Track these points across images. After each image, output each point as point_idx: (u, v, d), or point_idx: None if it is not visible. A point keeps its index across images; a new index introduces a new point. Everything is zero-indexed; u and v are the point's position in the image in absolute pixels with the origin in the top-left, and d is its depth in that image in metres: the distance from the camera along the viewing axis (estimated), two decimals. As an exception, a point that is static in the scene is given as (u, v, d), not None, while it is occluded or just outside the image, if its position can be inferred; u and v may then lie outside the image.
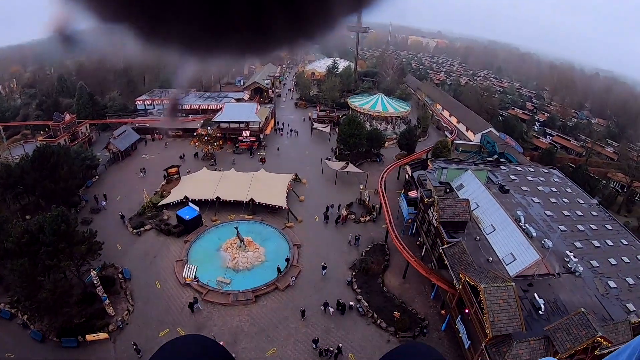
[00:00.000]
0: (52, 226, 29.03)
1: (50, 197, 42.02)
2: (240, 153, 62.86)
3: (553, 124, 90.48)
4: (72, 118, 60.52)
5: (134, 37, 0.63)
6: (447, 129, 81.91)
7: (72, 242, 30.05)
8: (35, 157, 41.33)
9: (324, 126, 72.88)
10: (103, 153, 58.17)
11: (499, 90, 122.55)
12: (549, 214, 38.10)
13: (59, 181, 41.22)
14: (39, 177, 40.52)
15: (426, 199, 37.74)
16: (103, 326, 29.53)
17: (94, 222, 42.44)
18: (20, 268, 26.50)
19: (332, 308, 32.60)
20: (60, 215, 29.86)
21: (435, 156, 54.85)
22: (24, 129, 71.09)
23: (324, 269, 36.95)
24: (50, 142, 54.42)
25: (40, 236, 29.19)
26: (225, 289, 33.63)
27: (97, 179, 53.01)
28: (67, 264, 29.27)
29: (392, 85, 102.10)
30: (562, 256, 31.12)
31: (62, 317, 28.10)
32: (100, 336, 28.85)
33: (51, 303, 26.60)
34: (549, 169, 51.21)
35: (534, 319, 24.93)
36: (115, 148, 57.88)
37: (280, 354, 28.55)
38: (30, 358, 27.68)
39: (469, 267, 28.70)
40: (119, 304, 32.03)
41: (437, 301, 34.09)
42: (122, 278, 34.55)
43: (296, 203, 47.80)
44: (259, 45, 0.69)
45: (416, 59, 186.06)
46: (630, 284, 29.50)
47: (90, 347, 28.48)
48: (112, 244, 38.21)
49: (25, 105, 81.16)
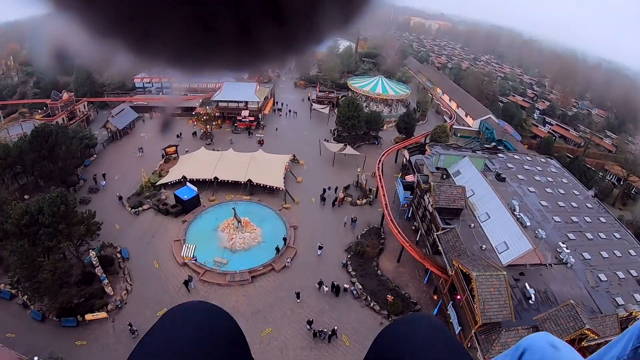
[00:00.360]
0: (52, 207, 29.21)
1: (49, 177, 42.30)
2: (239, 133, 62.73)
3: (553, 113, 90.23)
4: (70, 96, 60.18)
5: (123, 51, 0.64)
6: (446, 114, 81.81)
7: (71, 223, 30.30)
8: (33, 137, 41.29)
9: (323, 107, 72.65)
10: (101, 132, 57.95)
11: (500, 76, 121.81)
12: (544, 203, 38.46)
13: (57, 161, 41.38)
14: (37, 157, 40.66)
15: (423, 185, 37.98)
16: (102, 306, 30.00)
17: (92, 202, 42.74)
18: (20, 249, 26.80)
19: (326, 287, 33.29)
20: (60, 196, 30.03)
21: (434, 141, 54.94)
22: (21, 107, 70.35)
23: (320, 249, 37.53)
24: (48, 120, 54.24)
25: (39, 217, 29.39)
26: (222, 269, 34.11)
27: (95, 158, 52.96)
28: (66, 245, 29.60)
29: (393, 68, 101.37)
30: (555, 247, 31.59)
31: (62, 297, 28.53)
32: (99, 315, 29.38)
33: (51, 283, 27.04)
34: (546, 158, 51.53)
35: (524, 308, 25.54)
36: (113, 127, 57.63)
37: (275, 334, 29.20)
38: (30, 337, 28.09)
39: (463, 254, 29.17)
40: (118, 284, 32.48)
41: (430, 286, 34.71)
42: (120, 258, 34.93)
43: (294, 184, 48.02)
44: (247, 61, 0.70)
45: (418, 41, 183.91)
46: (620, 278, 30.06)
47: (89, 326, 29.02)
48: (111, 224, 38.43)
49: (22, 84, 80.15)
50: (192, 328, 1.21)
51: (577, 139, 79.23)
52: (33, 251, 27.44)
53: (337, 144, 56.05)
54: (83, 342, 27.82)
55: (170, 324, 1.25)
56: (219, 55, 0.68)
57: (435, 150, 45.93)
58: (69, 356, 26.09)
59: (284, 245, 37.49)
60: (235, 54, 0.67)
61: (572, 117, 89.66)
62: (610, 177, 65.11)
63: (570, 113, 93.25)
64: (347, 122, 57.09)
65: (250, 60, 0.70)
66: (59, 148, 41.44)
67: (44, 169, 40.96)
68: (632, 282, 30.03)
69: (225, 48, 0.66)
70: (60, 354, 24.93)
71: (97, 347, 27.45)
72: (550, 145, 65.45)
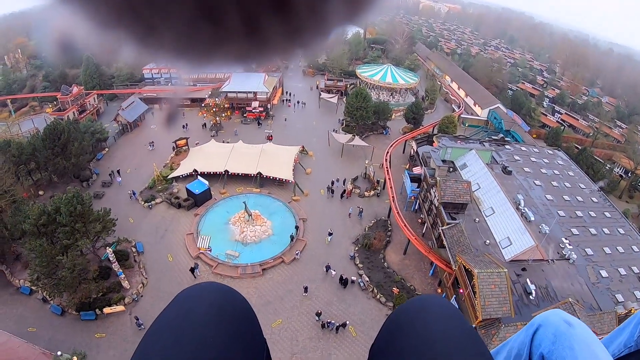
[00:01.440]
0: (68, 207, 30.18)
1: (62, 173, 43.40)
2: (248, 123, 63.45)
3: (562, 101, 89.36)
4: (79, 90, 60.76)
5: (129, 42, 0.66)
6: (454, 102, 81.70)
7: (88, 221, 31.37)
8: (46, 135, 42.16)
9: (331, 96, 72.97)
10: (112, 124, 58.75)
11: (510, 62, 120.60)
12: (549, 197, 38.95)
13: (70, 157, 42.34)
14: (50, 154, 41.61)
15: (429, 179, 38.63)
16: (119, 299, 31.23)
17: (105, 196, 43.95)
18: (39, 248, 27.79)
19: (334, 271, 34.83)
20: (76, 196, 31.00)
21: (442, 132, 55.28)
22: (31, 100, 71.09)
23: (330, 235, 39.00)
24: (59, 115, 55.29)
25: (57, 217, 30.32)
26: (234, 262, 35.29)
27: (107, 151, 53.79)
28: (83, 243, 30.64)
29: (401, 55, 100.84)
30: (558, 242, 32.24)
31: (81, 292, 29.76)
32: (117, 309, 30.58)
33: (70, 280, 28.15)
34: (553, 150, 51.76)
35: (524, 304, 26.38)
36: (124, 119, 58.44)
37: (285, 325, 30.42)
38: (51, 331, 29.33)
39: (466, 250, 30.04)
40: (134, 277, 33.71)
41: (434, 279, 35.63)
42: (135, 252, 36.11)
43: (302, 176, 48.81)
44: (252, 54, 0.71)
45: (427, 25, 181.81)
46: (621, 275, 30.59)
47: (107, 319, 30.24)
48: (124, 218, 39.49)
49: (31, 77, 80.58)
50: (204, 307, 1.25)
51: (586, 128, 78.64)
52: (52, 249, 28.48)
53: (345, 135, 56.54)
54: (102, 335, 29.09)
55: (183, 303, 1.29)
56: (225, 47, 0.69)
57: (443, 142, 46.36)
58: (89, 349, 27.30)
59: (295, 232, 38.80)
60: (242, 45, 0.68)
61: (582, 106, 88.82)
62: (618, 169, 64.64)
63: (580, 101, 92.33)
64: (356, 113, 57.43)
65: (256, 52, 0.71)
66: (71, 144, 42.39)
67: (57, 165, 42.02)
68: (633, 279, 30.58)
69: (231, 40, 0.67)
70: (83, 350, 26.19)
71: (115, 339, 28.71)
72: (559, 135, 65.25)
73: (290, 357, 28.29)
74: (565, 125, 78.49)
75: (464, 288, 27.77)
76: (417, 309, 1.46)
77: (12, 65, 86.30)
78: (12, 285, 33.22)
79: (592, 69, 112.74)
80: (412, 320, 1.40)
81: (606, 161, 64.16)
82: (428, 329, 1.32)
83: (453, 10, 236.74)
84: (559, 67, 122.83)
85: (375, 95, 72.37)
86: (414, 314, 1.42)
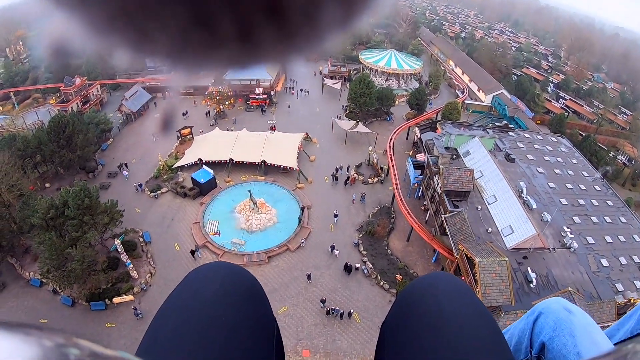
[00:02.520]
0: (76, 201, 30.59)
1: (68, 165, 43.74)
2: (252, 111, 63.51)
3: (567, 87, 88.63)
4: (82, 81, 60.49)
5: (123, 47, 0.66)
6: (458, 87, 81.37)
7: (96, 214, 31.83)
8: (51, 128, 42.39)
9: (335, 82, 72.82)
10: (115, 114, 58.81)
11: (515, 47, 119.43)
12: (552, 185, 39.18)
13: (75, 150, 42.59)
14: (56, 147, 41.85)
15: (432, 167, 38.89)
16: (128, 289, 31.90)
17: (112, 187, 44.35)
18: (48, 242, 28.29)
19: (337, 250, 36.07)
20: (83, 189, 31.39)
21: (445, 118, 55.32)
22: (34, 92, 70.82)
23: (335, 217, 40.14)
24: (62, 107, 55.52)
25: (65, 210, 30.72)
26: (240, 250, 35.88)
27: (111, 141, 53.85)
28: (92, 235, 31.08)
29: (405, 39, 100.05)
30: (560, 231, 32.54)
31: (91, 283, 30.48)
32: (126, 298, 31.25)
33: (80, 272, 28.75)
34: (557, 137, 51.73)
35: (525, 292, 26.90)
36: (127, 109, 58.48)
37: (291, 312, 31.11)
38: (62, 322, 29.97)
39: (468, 238, 30.50)
40: (142, 267, 34.33)
41: (437, 265, 36.14)
42: (143, 242, 36.63)
43: (307, 163, 49.02)
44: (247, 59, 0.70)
45: (430, 8, 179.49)
46: (622, 264, 30.88)
47: (117, 309, 30.91)
48: (131, 208, 39.90)
49: (34, 69, 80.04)
50: (214, 286, 1.26)
51: (591, 115, 78.21)
52: (61, 243, 28.97)
53: (349, 122, 56.58)
54: (112, 324, 29.84)
55: (192, 283, 1.30)
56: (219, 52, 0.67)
57: (446, 130, 46.47)
58: (100, 338, 27.84)
59: (301, 214, 40.06)
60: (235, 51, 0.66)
61: (587, 92, 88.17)
62: (622, 156, 64.12)
63: (585, 87, 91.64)
64: (359, 99, 57.30)
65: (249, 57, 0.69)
66: (76, 137, 42.57)
67: (63, 158, 42.33)
68: (633, 269, 30.90)
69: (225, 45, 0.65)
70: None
71: (125, 328, 29.46)
72: (563, 122, 64.97)
73: (296, 342, 29.02)
74: (569, 112, 78.09)
75: (466, 276, 28.27)
76: (428, 285, 1.46)
77: (14, 57, 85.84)
78: (22, 278, 33.75)
79: (598, 54, 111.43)
80: (423, 296, 1.40)
81: (610, 148, 63.71)
82: (439, 306, 1.32)
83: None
84: (564, 51, 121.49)
85: (379, 81, 72.20)
86: (425, 291, 1.42)
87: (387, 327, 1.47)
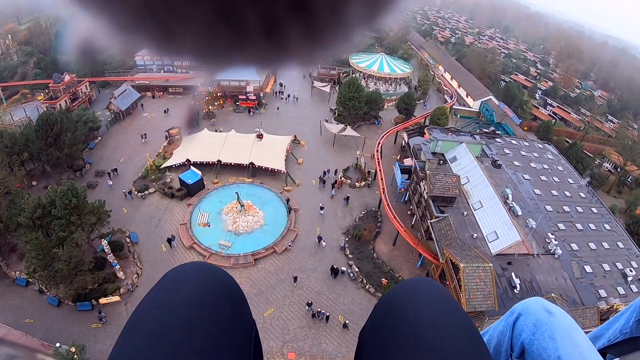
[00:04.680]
0: (64, 200, 30.27)
1: (56, 163, 43.33)
2: (241, 112, 63.35)
3: (555, 94, 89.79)
4: (71, 78, 59.74)
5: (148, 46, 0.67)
6: (447, 93, 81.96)
7: (83, 214, 31.50)
8: (39, 126, 41.93)
9: (324, 85, 72.85)
10: (104, 112, 58.05)
11: (504, 53, 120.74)
12: (537, 192, 39.64)
13: (63, 148, 42.14)
14: (43, 145, 41.41)
15: (419, 172, 39.13)
16: (115, 289, 31.65)
17: (99, 186, 43.86)
18: (35, 241, 28.00)
19: (324, 242, 37.19)
20: (71, 189, 31.07)
21: (433, 123, 55.68)
22: (22, 88, 69.91)
23: (321, 209, 41.43)
24: (50, 104, 54.93)
25: (52, 210, 30.41)
26: (227, 252, 35.75)
27: (99, 140, 53.26)
28: (79, 235, 30.83)
29: (395, 43, 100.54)
30: (544, 237, 33.00)
31: (77, 284, 30.13)
32: (112, 299, 30.96)
33: (67, 272, 28.46)
34: (544, 144, 52.37)
35: (509, 297, 27.22)
36: (116, 108, 57.97)
37: (277, 314, 31.12)
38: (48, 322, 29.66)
39: (453, 243, 30.75)
40: (128, 268, 34.08)
41: (423, 270, 36.44)
42: (130, 242, 36.37)
43: (294, 165, 49.06)
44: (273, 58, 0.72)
45: (422, 12, 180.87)
46: (605, 270, 31.42)
47: (103, 309, 30.51)
48: (118, 208, 39.63)
49: (22, 64, 78.86)
50: (191, 288, 1.23)
51: (578, 122, 79.25)
52: (47, 242, 28.72)
53: (337, 125, 56.61)
54: (98, 325, 29.51)
55: (169, 284, 1.27)
56: (243, 51, 0.68)
57: (434, 135, 46.79)
58: (86, 339, 27.66)
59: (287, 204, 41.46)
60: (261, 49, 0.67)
61: (574, 99, 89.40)
62: (608, 164, 64.82)
63: (572, 94, 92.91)
64: (348, 103, 57.42)
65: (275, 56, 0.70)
66: (64, 135, 42.14)
67: (50, 156, 41.90)
68: (616, 275, 31.43)
69: (251, 43, 0.66)
70: (81, 342, 26.57)
71: (111, 329, 29.14)
72: (550, 129, 65.80)
73: (281, 345, 29.03)
74: (556, 119, 79.11)
75: (450, 281, 28.52)
76: (407, 292, 1.40)
77: (3, 51, 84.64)
78: (8, 277, 33.33)
79: (587, 62, 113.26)
80: (402, 304, 1.35)
81: (596, 156, 64.36)
82: (418, 314, 1.29)
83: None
84: (553, 58, 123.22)
85: (368, 84, 72.49)
86: (404, 298, 1.37)
87: (365, 334, 1.43)
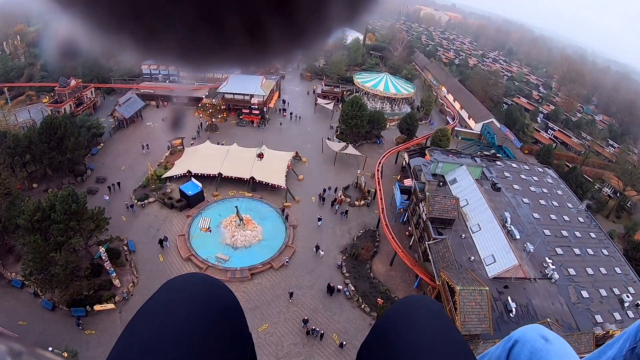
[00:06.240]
0: (63, 205, 30.49)
1: (57, 167, 43.58)
2: (244, 125, 63.80)
3: (557, 118, 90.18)
4: (77, 83, 60.37)
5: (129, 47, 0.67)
6: (449, 114, 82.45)
7: (82, 220, 31.69)
8: (42, 129, 42.28)
9: (328, 102, 73.27)
10: (108, 119, 58.67)
11: (507, 76, 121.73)
12: (536, 216, 39.65)
13: (66, 152, 42.49)
14: (46, 148, 41.74)
15: (419, 193, 39.25)
16: (110, 297, 31.64)
17: (99, 192, 44.05)
18: (33, 244, 28.14)
19: (322, 252, 37.68)
20: (71, 194, 31.33)
21: (435, 144, 55.93)
22: (28, 89, 70.55)
23: (319, 220, 41.86)
24: (55, 107, 55.53)
25: (51, 214, 30.56)
26: (224, 265, 35.73)
27: (102, 146, 53.57)
28: (77, 241, 31.00)
29: (399, 63, 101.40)
30: (542, 261, 32.95)
31: (73, 289, 30.19)
32: (107, 306, 30.97)
33: (62, 277, 28.55)
34: (544, 168, 52.53)
35: (504, 321, 27.07)
36: (120, 115, 58.41)
37: (271, 330, 30.99)
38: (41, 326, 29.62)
39: (450, 265, 30.74)
40: (125, 276, 34.07)
41: (419, 291, 36.22)
42: (127, 250, 36.41)
43: (295, 182, 49.19)
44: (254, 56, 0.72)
45: (427, 33, 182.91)
46: (602, 296, 31.33)
47: (98, 316, 30.58)
48: (117, 215, 39.70)
49: (29, 66, 79.77)
50: (188, 299, 1.22)
51: (579, 146, 79.41)
52: (45, 246, 28.77)
53: (339, 143, 56.95)
54: (92, 332, 29.45)
55: (166, 295, 1.26)
56: (225, 51, 0.69)
57: (435, 157, 46.96)
58: (79, 345, 27.68)
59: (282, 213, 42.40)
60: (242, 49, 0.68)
61: (576, 123, 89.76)
62: (607, 188, 64.66)
63: (574, 118, 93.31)
64: (351, 122, 57.77)
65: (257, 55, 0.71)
66: (67, 140, 42.48)
67: (52, 159, 42.23)
68: (613, 301, 31.34)
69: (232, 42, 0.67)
70: (74, 348, 26.50)
71: (105, 336, 29.03)
72: (550, 153, 66.00)
73: (274, 361, 28.88)
74: (557, 143, 79.34)
75: (446, 303, 28.39)
76: (403, 314, 1.43)
77: (11, 52, 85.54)
78: (3, 277, 33.44)
79: (589, 86, 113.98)
80: (399, 329, 1.36)
81: (596, 180, 64.24)
82: (416, 339, 1.30)
83: (454, 19, 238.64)
84: (555, 82, 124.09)
85: (371, 103, 73.09)
86: (400, 320, 1.39)
87: (363, 355, 1.45)
